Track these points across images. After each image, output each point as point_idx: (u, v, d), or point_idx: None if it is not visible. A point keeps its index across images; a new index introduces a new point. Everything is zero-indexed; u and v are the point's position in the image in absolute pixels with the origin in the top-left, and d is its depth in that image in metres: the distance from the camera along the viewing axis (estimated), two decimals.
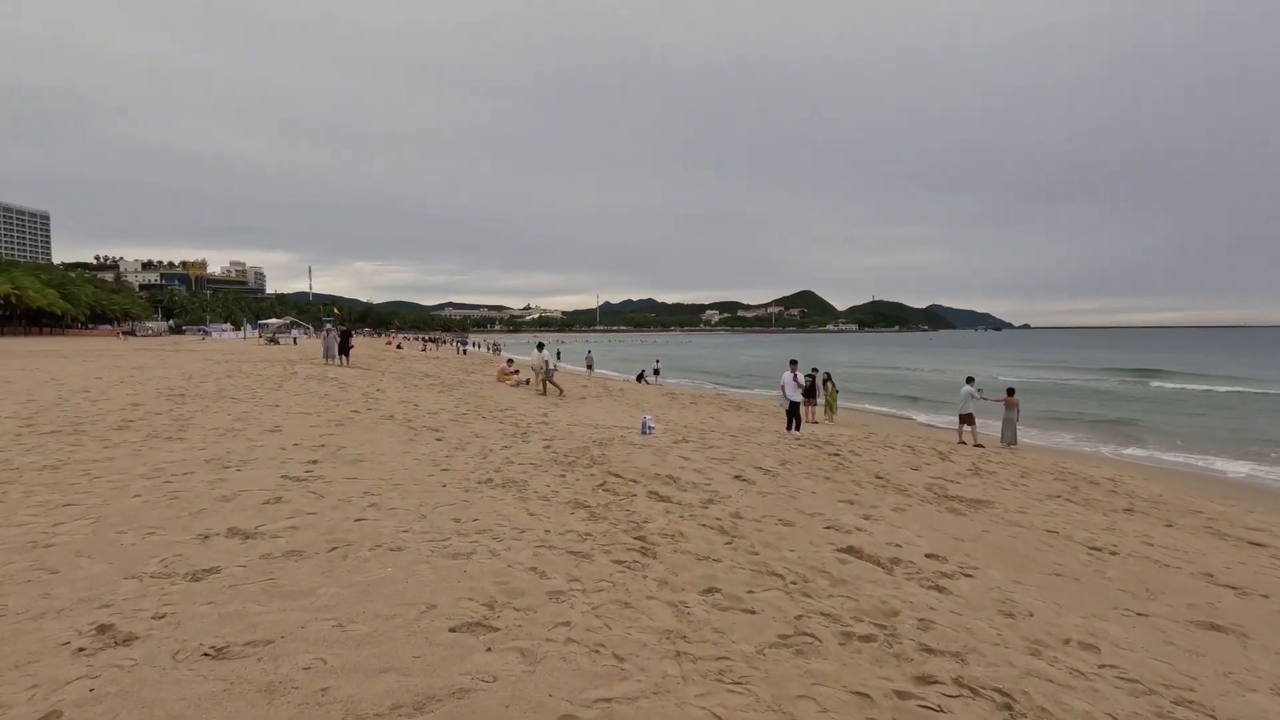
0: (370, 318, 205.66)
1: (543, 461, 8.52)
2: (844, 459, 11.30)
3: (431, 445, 9.01)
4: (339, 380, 17.91)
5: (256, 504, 5.37)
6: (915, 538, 7.16)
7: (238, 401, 11.85)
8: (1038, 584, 6.07)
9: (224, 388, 14.22)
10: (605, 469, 8.37)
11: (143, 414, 9.70)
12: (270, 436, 8.60)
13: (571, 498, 6.57)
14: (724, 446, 11.35)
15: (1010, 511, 9.13)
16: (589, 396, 21.81)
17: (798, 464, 10.51)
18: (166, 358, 27.71)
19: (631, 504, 6.62)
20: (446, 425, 11.13)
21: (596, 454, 9.37)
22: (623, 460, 9.05)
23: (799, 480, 9.39)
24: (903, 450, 13.30)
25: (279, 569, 3.99)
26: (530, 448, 9.53)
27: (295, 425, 9.72)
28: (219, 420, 9.62)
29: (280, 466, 6.84)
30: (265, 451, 7.58)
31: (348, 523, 5.06)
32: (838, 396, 22.47)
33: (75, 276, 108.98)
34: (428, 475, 6.98)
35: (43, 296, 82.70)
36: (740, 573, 4.78)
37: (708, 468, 9.40)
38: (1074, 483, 12.06)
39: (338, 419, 10.66)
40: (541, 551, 4.73)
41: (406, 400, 14.54)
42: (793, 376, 15.59)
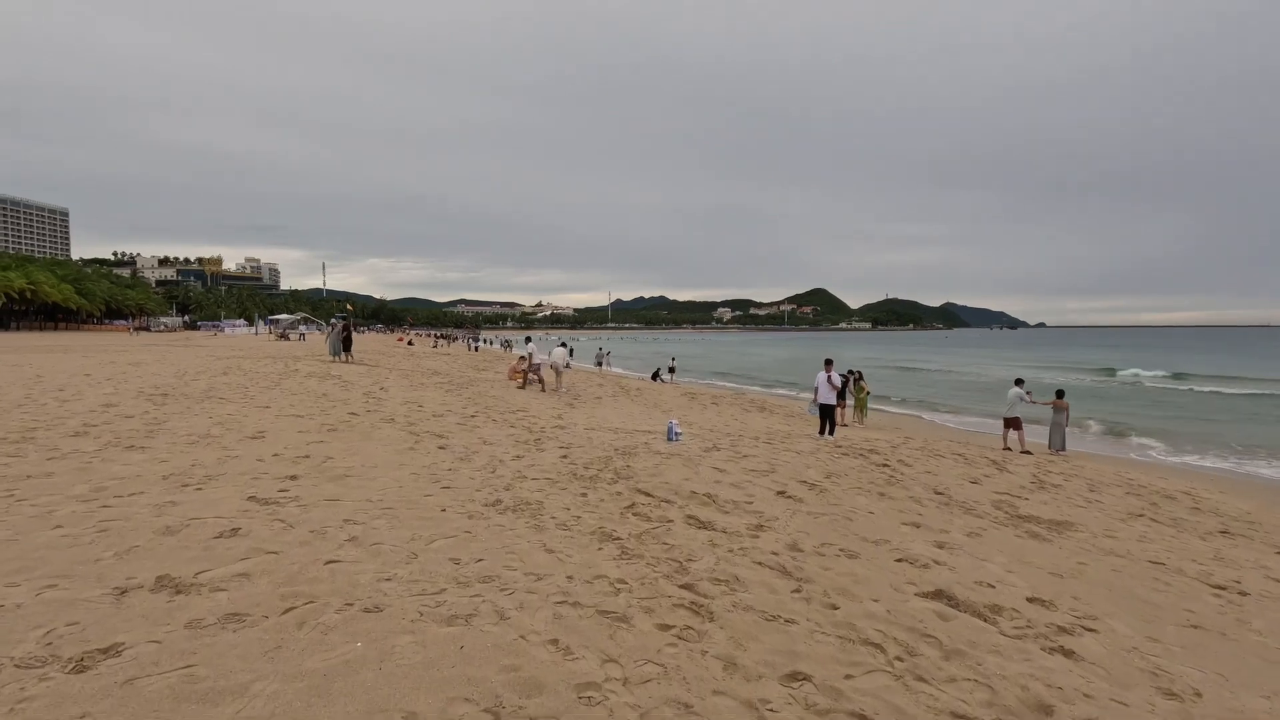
0: (383, 314, 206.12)
1: (560, 475, 7.39)
2: (895, 471, 10.09)
3: (433, 455, 7.92)
4: (341, 378, 16.90)
5: (205, 539, 4.28)
6: (1005, 573, 5.97)
7: (224, 402, 10.82)
8: (1178, 641, 4.86)
9: (215, 386, 13.23)
10: (632, 485, 7.23)
11: (110, 417, 8.68)
12: (249, 445, 7.53)
13: (596, 525, 5.43)
14: (759, 455, 10.17)
15: (1097, 535, 7.91)
16: (605, 396, 20.70)
17: (845, 476, 9.32)
18: (169, 353, 26.93)
19: (669, 533, 5.47)
20: (452, 430, 10.04)
21: (620, 466, 8.23)
22: (651, 474, 7.91)
23: (851, 497, 8.22)
24: (954, 459, 12.06)
25: (206, 647, 2.88)
26: (545, 458, 8.41)
27: (282, 430, 8.67)
28: (196, 424, 8.58)
29: (250, 484, 5.76)
30: (238, 464, 6.50)
31: (315, 566, 3.95)
32: (869, 398, 21.21)
33: (91, 272, 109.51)
34: (425, 496, 5.87)
35: (58, 292, 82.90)
36: (825, 642, 3.63)
37: (746, 482, 8.25)
38: (1149, 497, 10.80)
39: (331, 423, 9.59)
40: (564, 612, 3.59)
41: (410, 401, 13.47)
42: (828, 377, 14.38)
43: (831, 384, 14.23)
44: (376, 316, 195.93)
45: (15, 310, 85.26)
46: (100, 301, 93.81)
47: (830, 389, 14.28)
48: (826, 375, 14.33)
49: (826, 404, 14.17)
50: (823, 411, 14.30)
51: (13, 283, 75.23)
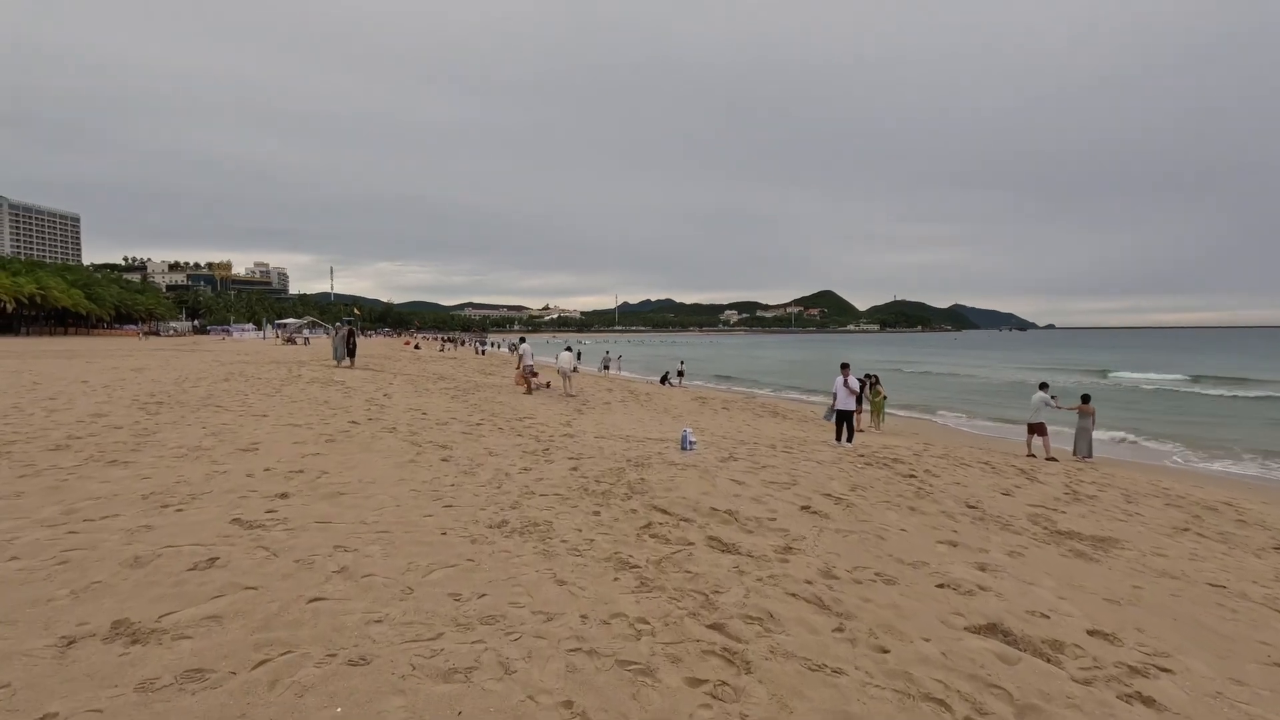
0: (390, 318, 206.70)
1: (570, 490, 6.92)
2: (923, 482, 9.56)
3: (435, 468, 7.46)
4: (345, 384, 16.50)
5: (177, 571, 3.83)
6: (1057, 600, 5.46)
7: (220, 411, 10.40)
8: (1266, 684, 4.33)
9: (214, 393, 12.84)
10: (647, 501, 6.75)
11: (98, 428, 8.27)
12: (240, 458, 7.09)
13: (611, 550, 4.95)
14: (779, 466, 9.67)
15: (1146, 554, 7.37)
16: (614, 402, 20.23)
17: (871, 489, 8.81)
18: (175, 359, 26.66)
19: (690, 558, 4.98)
20: (456, 440, 9.59)
21: (634, 479, 7.74)
22: (666, 488, 7.42)
23: (880, 512, 7.71)
24: (981, 469, 11.51)
25: (157, 717, 2.42)
26: (554, 470, 7.94)
27: (277, 441, 8.23)
28: (188, 435, 8.16)
29: (236, 504, 5.31)
30: (226, 480, 6.06)
31: (298, 605, 3.49)
32: (885, 402, 20.65)
33: (101, 277, 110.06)
34: (424, 516, 5.40)
35: (68, 296, 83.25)
36: (880, 698, 3.14)
37: (768, 496, 7.75)
38: (1190, 509, 10.22)
39: (330, 433, 9.15)
40: (579, 663, 3.11)
41: (415, 408, 13.04)
42: (844, 381, 13.82)
43: (849, 388, 13.67)
44: (384, 320, 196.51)
45: (26, 315, 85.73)
46: (110, 306, 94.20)
47: (849, 394, 13.71)
48: (843, 379, 13.78)
49: (845, 410, 13.63)
50: (840, 418, 13.76)
51: (22, 288, 75.54)
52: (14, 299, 76.10)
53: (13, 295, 74.29)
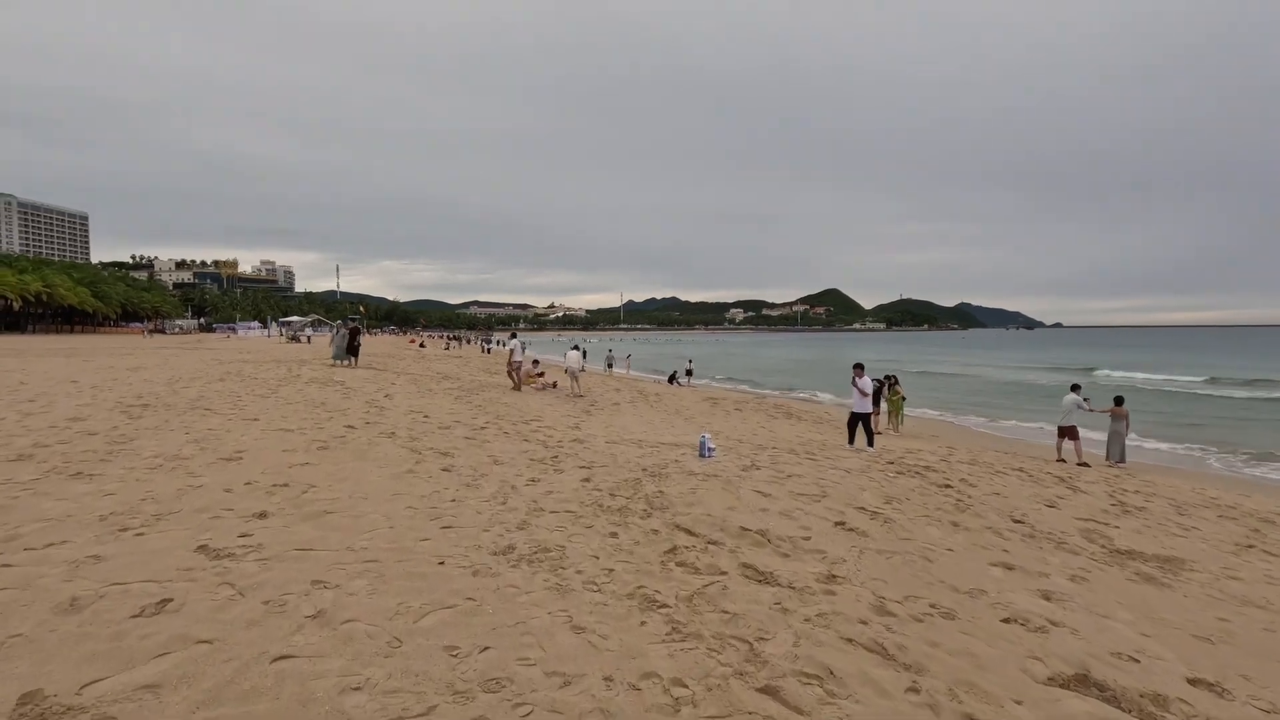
0: (396, 316, 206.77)
1: (584, 506, 6.26)
2: (960, 492, 8.87)
3: (435, 479, 6.81)
4: (344, 384, 15.89)
5: (119, 619, 3.19)
6: (1140, 637, 4.79)
7: (209, 414, 9.78)
8: None
9: (206, 394, 12.23)
10: (669, 519, 6.08)
11: (70, 434, 7.65)
12: (221, 469, 6.46)
13: (634, 583, 4.29)
14: (805, 475, 8.99)
15: (1218, 576, 6.68)
16: (623, 403, 19.57)
17: (906, 501, 8.12)
18: (174, 357, 26.15)
19: (725, 593, 4.32)
20: (459, 446, 8.94)
21: (652, 492, 7.08)
22: (688, 502, 6.76)
23: (921, 528, 7.03)
24: (1017, 477, 10.80)
25: None
26: (565, 482, 7.28)
27: (265, 449, 7.60)
28: (168, 443, 7.54)
29: (206, 527, 4.67)
30: (200, 496, 5.42)
31: (259, 665, 2.84)
32: (904, 404, 19.93)
33: (107, 275, 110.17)
34: (420, 540, 4.75)
35: (74, 294, 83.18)
36: None
37: (798, 510, 7.08)
38: (1246, 521, 9.50)
39: (323, 439, 8.52)
40: None
41: (416, 410, 12.41)
42: (852, 381, 13.11)
43: (860, 390, 12.90)
44: (390, 318, 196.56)
45: (33, 313, 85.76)
46: (116, 304, 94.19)
47: (862, 396, 12.98)
48: (860, 379, 13.03)
49: (860, 413, 12.93)
50: (853, 420, 13.08)
51: (29, 285, 75.49)
52: (20, 297, 76.05)
53: (19, 293, 74.22)
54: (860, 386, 12.83)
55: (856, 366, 13.28)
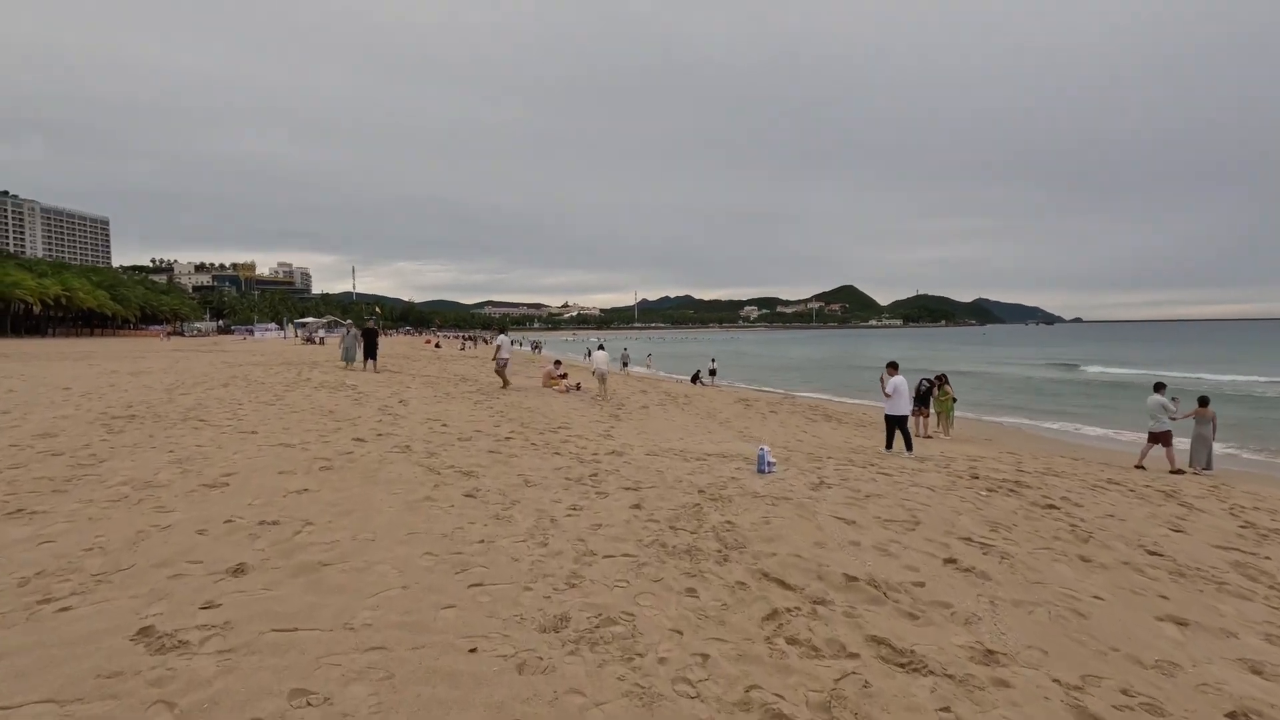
0: (412, 316, 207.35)
1: (642, 545, 5.03)
2: (1068, 514, 7.53)
3: (458, 510, 5.62)
4: (356, 389, 14.81)
5: None
6: None
7: (202, 426, 8.67)
8: None
9: (205, 401, 11.18)
10: (751, 563, 4.85)
11: (32, 455, 6.54)
12: (200, 500, 5.31)
13: (743, 682, 3.05)
14: (884, 495, 7.70)
15: None
16: (651, 405, 18.35)
17: (1015, 527, 6.82)
18: (184, 360, 25.32)
19: (867, 693, 3.08)
20: (483, 462, 7.75)
21: (719, 522, 5.84)
22: (766, 537, 5.51)
23: (1046, 565, 5.76)
24: (1118, 492, 9.42)
25: None
26: (612, 508, 6.06)
27: (259, 470, 6.45)
28: (145, 464, 6.41)
29: (159, 593, 3.50)
30: (163, 542, 4.26)
31: None
32: (955, 405, 18.50)
33: (126, 278, 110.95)
34: (442, 610, 3.55)
35: (93, 298, 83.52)
36: None
37: (893, 543, 5.81)
38: None
39: (328, 456, 7.36)
40: None
41: (433, 418, 11.26)
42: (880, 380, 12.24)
43: (892, 390, 11.83)
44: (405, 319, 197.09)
45: (53, 316, 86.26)
46: (135, 307, 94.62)
47: (906, 397, 11.90)
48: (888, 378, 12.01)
49: (896, 414, 11.88)
50: (892, 423, 11.92)
51: (48, 289, 75.75)
52: (40, 300, 76.37)
53: (38, 296, 74.48)
54: (891, 386, 11.83)
55: (889, 365, 12.22)
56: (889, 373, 12.00)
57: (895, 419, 11.83)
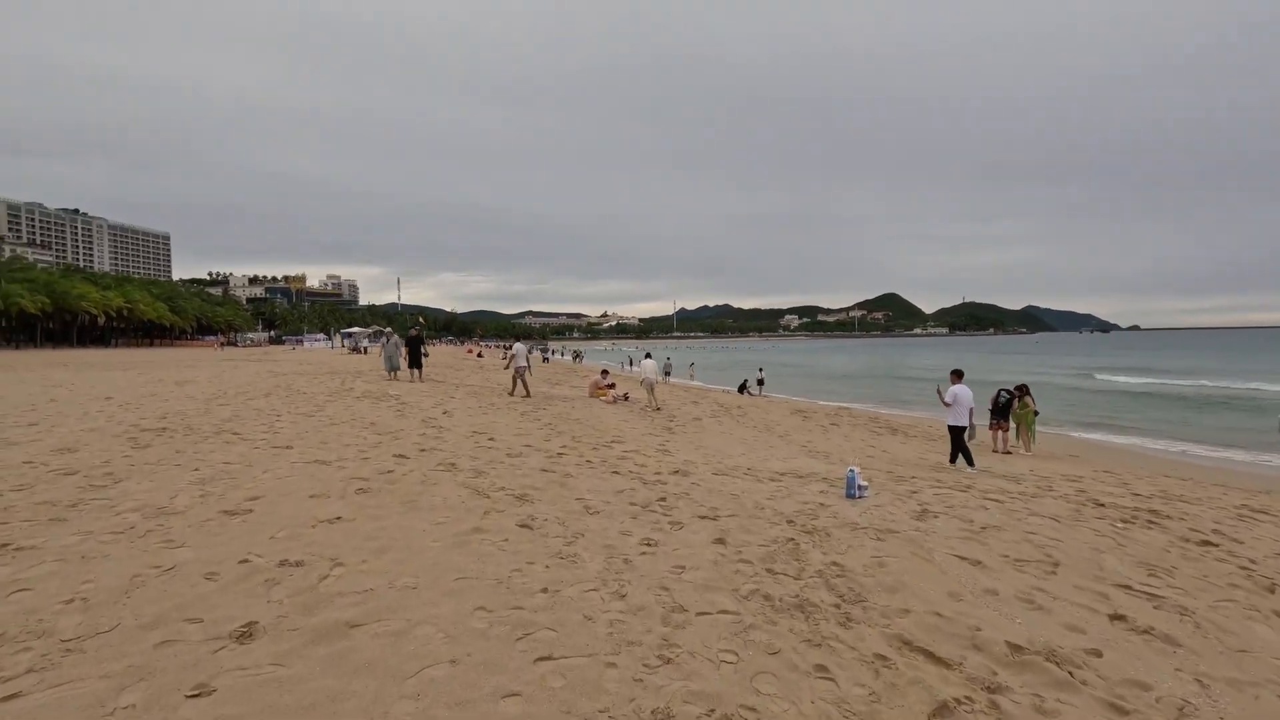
0: (455, 326, 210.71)
1: (740, 599, 4.04)
2: (1229, 552, 6.25)
3: (513, 543, 4.74)
4: (399, 400, 14.20)
5: None
6: None
7: (235, 441, 8.03)
8: None
9: (242, 413, 10.65)
10: (877, 620, 3.82)
11: (43, 473, 5.92)
12: (217, 532, 4.55)
13: None
14: (1000, 525, 6.54)
15: None
16: (704, 417, 17.32)
17: (1173, 570, 5.61)
18: (230, 369, 25.40)
19: None
20: (536, 483, 6.88)
21: (824, 564, 4.82)
22: (886, 585, 4.47)
23: (1239, 623, 4.63)
24: (1268, 521, 8.01)
25: None
26: (692, 544, 5.09)
27: (288, 493, 5.71)
28: (164, 485, 5.73)
29: (140, 668, 2.68)
30: (159, 591, 3.48)
31: None
32: (1036, 418, 16.96)
33: (184, 290, 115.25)
34: (504, 699, 2.64)
35: (152, 309, 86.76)
36: None
37: (1038, 593, 4.69)
38: None
39: (366, 475, 6.60)
40: None
41: (480, 430, 10.49)
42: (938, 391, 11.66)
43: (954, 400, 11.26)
44: (448, 329, 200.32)
45: (116, 328, 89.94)
46: (192, 318, 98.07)
47: (963, 407, 11.24)
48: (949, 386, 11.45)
49: (958, 425, 11.31)
50: (956, 435, 11.30)
51: (111, 301, 78.92)
52: (104, 312, 79.63)
53: (102, 309, 77.62)
54: (951, 395, 11.33)
55: (955, 374, 11.71)
56: (952, 380, 11.49)
57: (956, 430, 11.29)
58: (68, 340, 77.01)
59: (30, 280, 68.12)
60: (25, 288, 65.73)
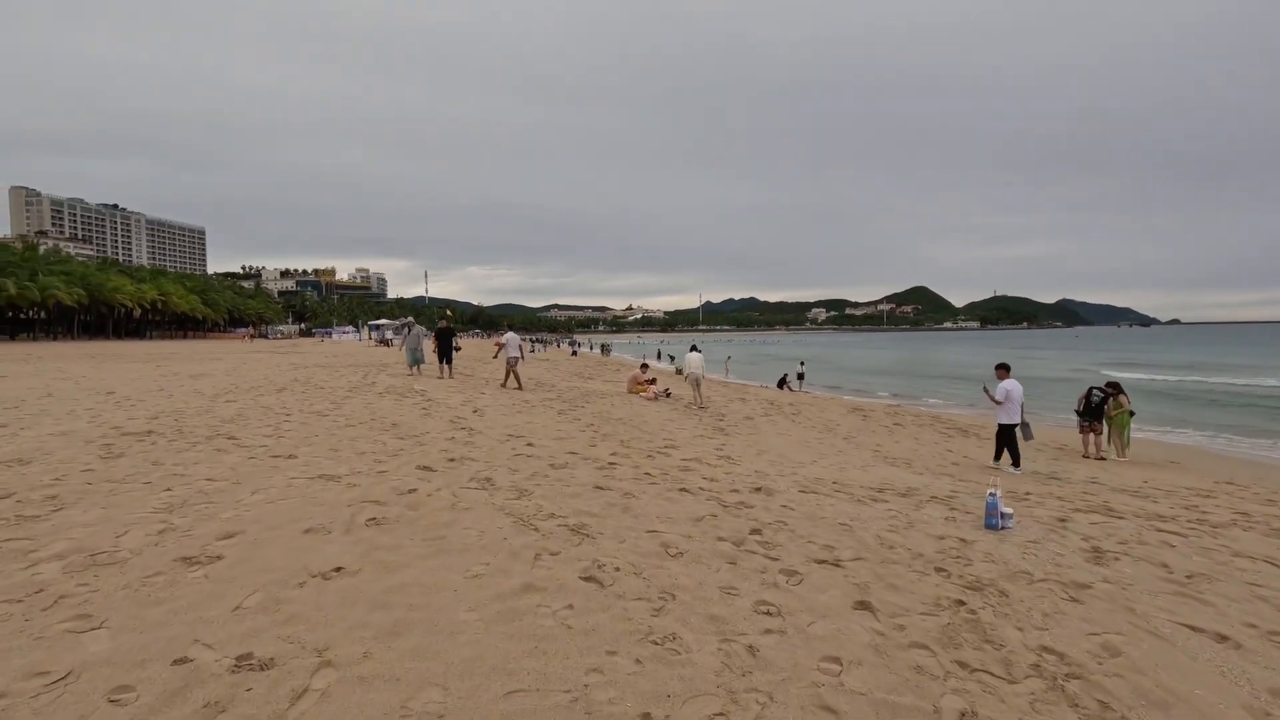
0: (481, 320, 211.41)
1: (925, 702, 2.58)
2: None
3: (579, 614, 3.29)
4: (424, 397, 12.91)
5: None
6: None
7: (227, 450, 6.70)
8: None
9: (247, 411, 9.41)
10: None
11: None
12: (158, 597, 3.16)
13: None
14: (1211, 574, 4.91)
15: None
16: (756, 416, 15.76)
17: None
18: (251, 361, 24.50)
19: None
20: (592, 506, 5.44)
21: (1025, 647, 3.30)
22: (1135, 686, 2.95)
23: None
24: None
25: None
26: (824, 609, 3.60)
27: (276, 526, 4.34)
28: (117, 514, 4.38)
29: None
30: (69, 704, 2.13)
31: None
32: (1130, 419, 15.07)
33: (216, 283, 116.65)
34: None
35: (186, 302, 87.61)
36: None
37: None
38: None
39: (381, 495, 5.22)
40: None
41: (515, 432, 9.10)
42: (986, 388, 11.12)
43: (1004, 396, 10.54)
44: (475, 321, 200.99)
45: (151, 320, 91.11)
46: (224, 311, 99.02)
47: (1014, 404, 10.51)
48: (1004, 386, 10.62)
49: (1007, 424, 10.60)
50: (1002, 435, 10.64)
51: (145, 294, 79.72)
52: (138, 304, 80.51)
53: (136, 301, 78.44)
54: (1001, 391, 10.56)
55: (1000, 367, 10.97)
56: (999, 375, 10.76)
57: (1004, 428, 10.57)
58: (104, 332, 78.00)
59: (67, 273, 68.88)
60: (62, 280, 66.42)
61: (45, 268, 67.60)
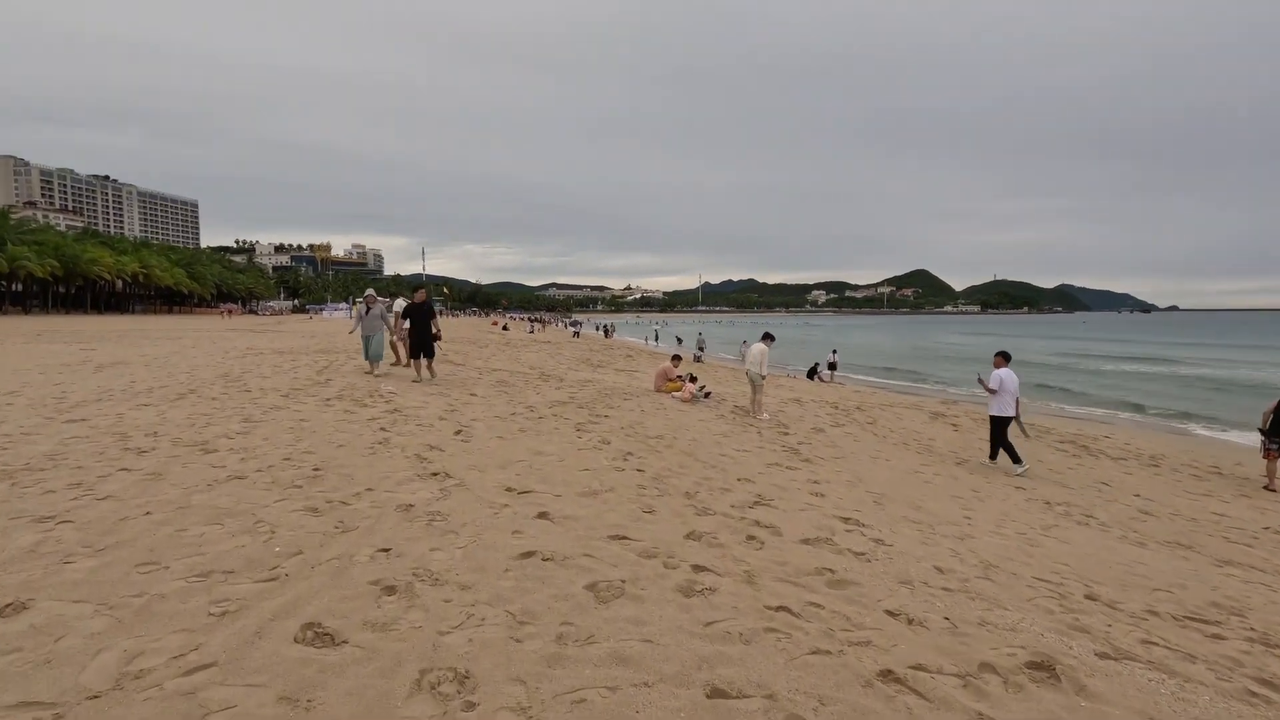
0: (479, 298, 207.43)
1: None
2: None
3: None
4: (389, 405, 9.44)
5: None
6: None
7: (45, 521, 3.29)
8: None
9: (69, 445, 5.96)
10: None
11: None
12: None
13: None
14: None
15: None
16: (824, 426, 12.31)
17: None
18: (205, 342, 20.99)
19: None
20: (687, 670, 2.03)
21: None
22: None
23: None
24: None
25: None
26: None
27: None
28: None
29: None
30: None
31: None
32: None
33: (204, 256, 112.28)
34: None
35: (169, 275, 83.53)
36: None
37: None
38: None
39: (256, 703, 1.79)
40: None
41: (520, 476, 5.64)
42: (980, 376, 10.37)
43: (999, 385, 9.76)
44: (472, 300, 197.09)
45: (135, 294, 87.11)
46: (211, 285, 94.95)
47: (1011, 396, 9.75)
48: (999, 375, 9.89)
49: (1001, 416, 9.86)
50: (996, 427, 9.90)
51: (126, 266, 75.78)
52: (118, 277, 76.53)
53: (115, 274, 74.49)
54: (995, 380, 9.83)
55: (999, 355, 10.26)
56: (996, 364, 10.13)
57: (997, 421, 9.88)
58: (81, 306, 74.17)
59: (39, 243, 64.85)
60: (34, 250, 62.46)
61: (15, 236, 63.54)
